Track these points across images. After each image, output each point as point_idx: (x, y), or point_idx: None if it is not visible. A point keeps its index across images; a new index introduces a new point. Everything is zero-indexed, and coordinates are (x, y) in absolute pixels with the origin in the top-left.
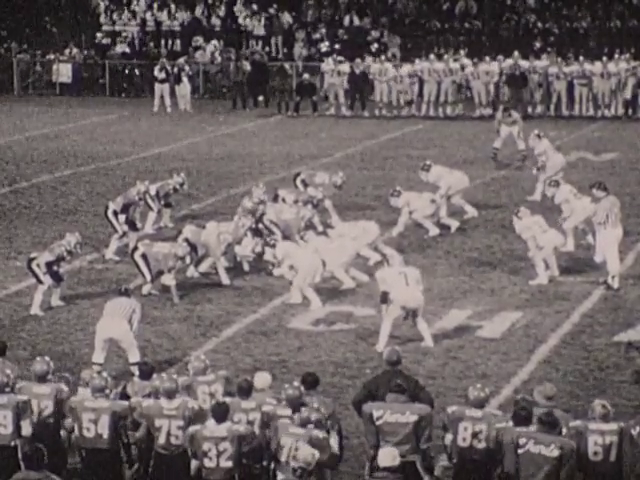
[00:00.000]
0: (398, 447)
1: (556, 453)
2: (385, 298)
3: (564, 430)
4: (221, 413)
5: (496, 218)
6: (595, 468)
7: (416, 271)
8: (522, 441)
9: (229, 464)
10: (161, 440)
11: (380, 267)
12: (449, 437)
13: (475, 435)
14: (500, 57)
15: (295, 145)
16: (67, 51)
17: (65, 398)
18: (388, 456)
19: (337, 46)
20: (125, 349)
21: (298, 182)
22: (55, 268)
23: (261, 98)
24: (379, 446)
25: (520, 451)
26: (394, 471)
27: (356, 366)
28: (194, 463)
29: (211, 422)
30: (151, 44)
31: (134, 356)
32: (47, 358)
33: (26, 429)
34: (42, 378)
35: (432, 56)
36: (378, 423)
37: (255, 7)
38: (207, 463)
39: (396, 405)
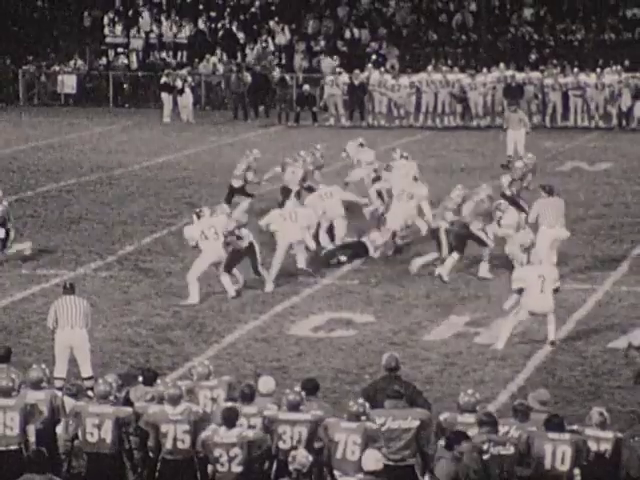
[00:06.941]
0: (400, 452)
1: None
2: (520, 292)
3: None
4: (232, 418)
5: None
6: (592, 473)
7: (554, 271)
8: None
9: (240, 469)
10: (168, 445)
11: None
12: (442, 444)
13: None
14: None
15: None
16: (72, 62)
17: (60, 404)
18: (371, 459)
19: (336, 57)
20: (79, 362)
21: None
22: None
23: (262, 109)
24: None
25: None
26: (379, 474)
27: (355, 372)
28: (210, 467)
29: (222, 428)
30: (157, 55)
31: (86, 371)
32: (43, 365)
33: (33, 432)
34: (37, 385)
35: (430, 67)
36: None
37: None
38: (219, 468)
39: (397, 411)
